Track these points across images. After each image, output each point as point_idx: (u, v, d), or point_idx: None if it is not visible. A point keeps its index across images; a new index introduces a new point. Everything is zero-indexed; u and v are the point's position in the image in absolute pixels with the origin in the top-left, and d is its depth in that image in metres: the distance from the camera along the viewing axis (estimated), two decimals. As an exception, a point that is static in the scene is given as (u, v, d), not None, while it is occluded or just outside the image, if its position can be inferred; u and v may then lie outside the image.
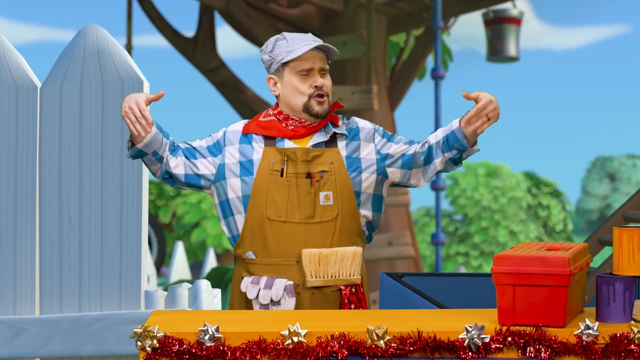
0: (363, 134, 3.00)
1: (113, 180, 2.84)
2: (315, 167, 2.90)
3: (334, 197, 2.91)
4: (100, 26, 2.88)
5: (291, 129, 2.93)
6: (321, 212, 2.90)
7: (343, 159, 2.94)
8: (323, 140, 2.93)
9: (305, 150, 2.90)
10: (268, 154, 2.91)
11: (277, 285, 2.86)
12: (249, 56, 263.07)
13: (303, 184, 2.89)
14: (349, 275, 2.89)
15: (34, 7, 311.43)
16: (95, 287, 2.83)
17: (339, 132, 2.96)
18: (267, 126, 2.95)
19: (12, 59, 2.89)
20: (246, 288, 2.91)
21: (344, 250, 2.88)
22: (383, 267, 9.28)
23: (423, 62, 10.22)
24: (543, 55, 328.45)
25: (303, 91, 2.91)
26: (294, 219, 2.87)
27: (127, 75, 2.84)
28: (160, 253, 13.20)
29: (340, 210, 2.90)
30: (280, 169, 2.90)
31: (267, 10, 9.54)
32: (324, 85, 2.91)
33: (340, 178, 2.92)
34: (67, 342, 2.78)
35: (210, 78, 10.04)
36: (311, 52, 2.91)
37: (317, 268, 2.84)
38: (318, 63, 2.91)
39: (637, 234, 2.35)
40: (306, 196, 2.88)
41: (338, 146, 2.95)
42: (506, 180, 22.34)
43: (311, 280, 2.84)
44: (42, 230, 2.85)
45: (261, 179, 2.89)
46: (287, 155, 2.89)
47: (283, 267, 2.88)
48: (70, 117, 2.85)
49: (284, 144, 2.93)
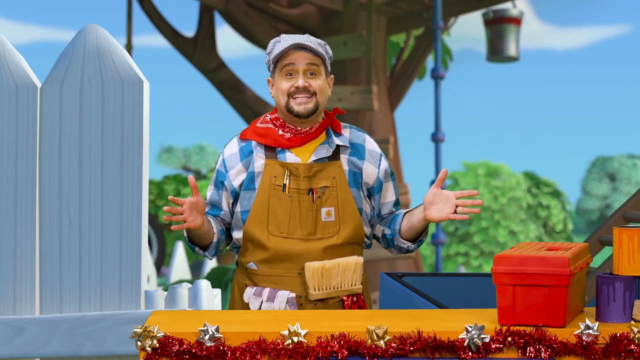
0: (369, 154, 2.96)
1: (113, 180, 2.84)
2: (317, 183, 2.87)
3: (335, 212, 2.88)
4: (100, 26, 2.88)
5: (287, 139, 2.89)
6: (322, 229, 2.88)
7: (345, 173, 2.91)
8: (326, 155, 2.90)
9: (308, 166, 2.86)
10: (270, 167, 2.88)
11: (280, 298, 2.86)
12: (249, 56, 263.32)
13: (305, 200, 2.86)
14: (351, 285, 2.89)
15: (34, 7, 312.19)
16: (95, 287, 2.84)
17: (342, 144, 2.93)
18: (263, 134, 2.91)
19: (12, 59, 2.89)
20: (249, 299, 2.91)
21: (346, 262, 2.87)
22: (383, 267, 9.28)
23: (423, 62, 10.22)
24: (543, 55, 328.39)
25: (284, 90, 2.87)
26: (296, 235, 2.86)
27: (127, 75, 2.84)
28: (160, 253, 13.19)
29: (341, 225, 2.89)
30: (283, 183, 2.88)
31: (267, 10, 9.54)
32: (309, 85, 2.85)
33: (342, 193, 2.89)
34: (67, 342, 2.78)
35: (210, 78, 10.03)
36: (296, 52, 2.86)
37: (320, 281, 2.84)
38: (302, 62, 2.85)
39: (637, 234, 2.35)
40: (308, 212, 2.86)
41: (341, 159, 2.92)
42: (506, 180, 22.34)
43: (314, 294, 2.84)
44: (42, 230, 2.85)
45: (263, 193, 2.87)
46: (289, 170, 2.87)
47: (285, 279, 2.88)
48: (70, 117, 2.85)
49: (285, 156, 2.89)
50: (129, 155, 2.84)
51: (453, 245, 21.28)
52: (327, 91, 2.92)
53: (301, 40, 2.84)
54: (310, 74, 2.87)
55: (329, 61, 2.94)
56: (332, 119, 2.95)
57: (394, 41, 11.39)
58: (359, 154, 2.95)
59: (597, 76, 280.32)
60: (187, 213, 2.79)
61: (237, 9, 9.32)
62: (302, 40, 2.84)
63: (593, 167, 46.49)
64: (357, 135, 2.99)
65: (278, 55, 2.87)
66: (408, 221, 2.96)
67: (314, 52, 2.86)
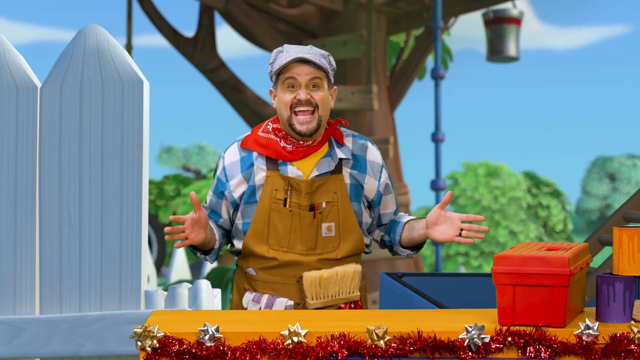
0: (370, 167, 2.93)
1: (113, 180, 2.84)
2: (319, 198, 2.84)
3: (335, 228, 2.86)
4: (100, 26, 2.88)
5: (289, 151, 2.85)
6: (323, 244, 2.86)
7: (347, 186, 2.88)
8: (328, 170, 2.86)
9: (310, 182, 2.83)
10: (271, 179, 2.84)
11: (278, 305, 2.86)
12: (249, 56, 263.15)
13: (306, 216, 2.83)
14: (349, 293, 2.88)
15: (34, 7, 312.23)
16: (95, 287, 2.84)
17: (344, 157, 2.89)
18: (265, 145, 2.87)
19: (12, 59, 2.89)
20: (247, 305, 2.91)
21: (344, 271, 2.86)
22: (383, 267, 9.28)
23: (423, 62, 10.22)
24: (543, 55, 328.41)
25: (286, 103, 2.82)
26: (296, 250, 2.85)
27: (127, 75, 2.84)
28: (160, 253, 13.19)
29: (341, 241, 2.88)
30: (284, 197, 2.86)
31: (267, 10, 9.54)
32: (310, 98, 2.81)
33: (343, 207, 2.86)
34: (67, 342, 2.78)
35: (210, 78, 10.03)
36: (299, 64, 2.81)
37: (318, 290, 2.84)
38: (304, 75, 2.80)
39: (637, 234, 2.34)
40: (309, 228, 2.84)
41: (343, 172, 2.89)
42: (506, 180, 22.34)
43: (312, 303, 2.83)
44: (42, 230, 2.85)
45: (264, 207, 2.85)
46: (291, 184, 2.84)
47: (284, 286, 2.87)
48: (70, 117, 2.85)
49: (286, 169, 2.85)
50: (129, 155, 2.83)
51: (453, 245, 21.28)
52: (329, 103, 2.87)
53: (304, 54, 2.79)
54: (313, 87, 2.82)
55: (332, 73, 2.89)
56: (334, 130, 2.91)
57: (394, 41, 11.39)
58: (361, 166, 2.91)
59: (597, 76, 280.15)
60: (189, 230, 2.77)
61: (237, 9, 9.32)
62: (305, 54, 2.79)
63: (593, 167, 46.49)
64: (359, 145, 2.94)
65: (280, 68, 2.82)
66: (409, 233, 2.95)
67: (317, 66, 2.82)
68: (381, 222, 3.04)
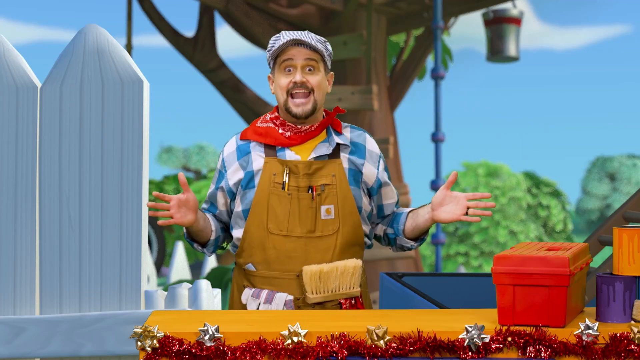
0: (369, 155, 2.96)
1: (113, 180, 2.84)
2: (317, 180, 2.86)
3: (335, 210, 2.88)
4: (100, 26, 2.88)
5: (288, 137, 2.89)
6: (322, 227, 2.87)
7: (345, 170, 2.90)
8: (326, 153, 2.89)
9: (308, 164, 2.85)
10: (269, 164, 2.87)
11: (277, 300, 2.85)
12: (249, 56, 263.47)
13: (304, 198, 2.85)
14: (349, 289, 2.88)
15: (34, 7, 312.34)
16: (95, 287, 2.84)
17: (342, 142, 2.93)
18: (263, 133, 2.91)
19: (12, 59, 2.89)
20: (246, 300, 2.90)
21: (344, 265, 2.86)
22: (383, 267, 9.28)
23: (423, 62, 10.22)
24: (543, 55, 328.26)
25: (283, 87, 2.87)
26: (295, 233, 2.85)
27: (127, 75, 2.84)
28: (160, 253, 13.19)
29: (341, 224, 2.88)
30: (282, 181, 2.87)
31: (267, 10, 9.54)
32: (306, 81, 2.85)
33: (342, 191, 2.88)
34: (67, 342, 2.78)
35: (210, 78, 10.04)
36: (295, 47, 2.86)
37: (318, 285, 2.83)
38: (300, 58, 2.85)
39: (637, 234, 2.34)
40: (307, 210, 2.85)
41: (341, 157, 2.91)
42: (506, 180, 22.34)
43: (312, 297, 2.83)
44: (42, 230, 2.85)
45: (262, 191, 2.86)
46: (289, 167, 2.87)
47: (283, 281, 2.87)
48: (70, 117, 2.85)
49: (285, 154, 2.89)
50: (129, 155, 2.83)
51: (453, 245, 21.28)
52: (325, 87, 2.91)
53: (300, 36, 2.84)
54: (309, 70, 2.86)
55: (329, 58, 2.93)
56: (333, 118, 2.95)
57: (394, 41, 11.39)
58: (360, 153, 2.95)
59: (597, 76, 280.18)
60: (175, 209, 2.79)
61: (237, 9, 9.32)
62: (301, 36, 2.84)
63: (593, 167, 46.50)
64: (357, 134, 2.99)
65: (277, 51, 2.87)
66: (413, 221, 2.97)
67: (312, 48, 2.86)
68: (383, 213, 3.05)
